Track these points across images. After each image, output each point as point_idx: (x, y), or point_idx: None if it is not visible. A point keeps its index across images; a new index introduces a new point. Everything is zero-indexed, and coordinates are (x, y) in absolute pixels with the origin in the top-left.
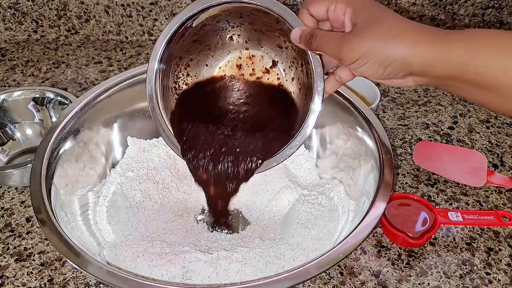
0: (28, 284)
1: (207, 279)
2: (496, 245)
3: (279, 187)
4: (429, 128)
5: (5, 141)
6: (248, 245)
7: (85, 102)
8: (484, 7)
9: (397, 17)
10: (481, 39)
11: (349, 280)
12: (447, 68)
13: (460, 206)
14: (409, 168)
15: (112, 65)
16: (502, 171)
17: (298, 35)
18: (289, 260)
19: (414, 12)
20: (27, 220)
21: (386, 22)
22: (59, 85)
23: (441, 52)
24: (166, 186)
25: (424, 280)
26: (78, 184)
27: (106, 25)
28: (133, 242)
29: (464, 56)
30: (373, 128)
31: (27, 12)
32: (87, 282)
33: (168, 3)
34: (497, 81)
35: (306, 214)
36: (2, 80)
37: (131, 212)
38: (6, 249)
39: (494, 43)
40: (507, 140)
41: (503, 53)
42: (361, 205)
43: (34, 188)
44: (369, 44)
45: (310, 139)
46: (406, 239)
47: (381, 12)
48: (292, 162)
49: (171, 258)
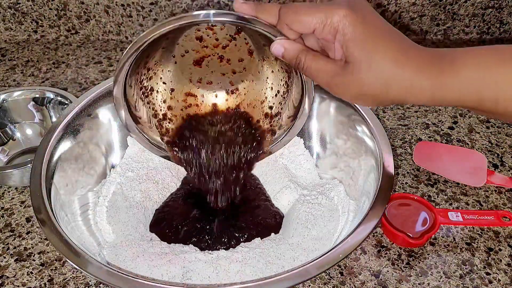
0: (28, 284)
1: (207, 279)
2: (496, 245)
3: (279, 187)
4: (429, 128)
5: (5, 141)
6: (248, 245)
7: (85, 102)
8: (484, 7)
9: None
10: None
11: (349, 280)
12: (457, 102)
13: (460, 206)
14: (409, 168)
15: (112, 65)
16: (502, 171)
17: (281, 52)
18: (289, 260)
19: (414, 12)
20: (27, 220)
21: (384, 60)
22: (59, 85)
23: (450, 93)
24: (166, 186)
25: (424, 280)
26: (78, 184)
27: (106, 25)
28: (133, 242)
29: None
30: (373, 128)
31: (27, 12)
32: (87, 282)
33: (168, 3)
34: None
35: (306, 214)
36: (2, 80)
37: (131, 212)
38: (6, 249)
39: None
40: (507, 140)
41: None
42: (361, 205)
43: (34, 188)
44: (366, 89)
45: (310, 139)
46: (406, 239)
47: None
48: (292, 162)
49: (171, 258)
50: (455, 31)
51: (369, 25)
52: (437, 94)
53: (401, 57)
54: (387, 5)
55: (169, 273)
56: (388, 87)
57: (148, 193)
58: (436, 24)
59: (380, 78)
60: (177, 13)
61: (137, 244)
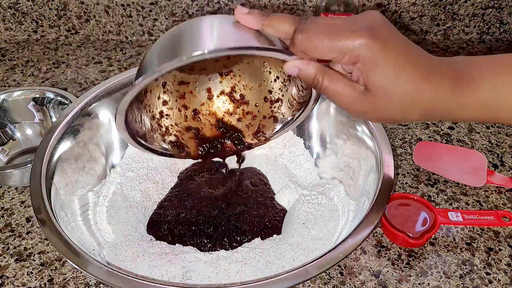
0: (28, 284)
1: (207, 279)
2: (496, 245)
3: (279, 187)
4: (429, 128)
5: (5, 141)
6: (248, 245)
7: (85, 102)
8: (484, 7)
9: (418, 70)
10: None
11: (349, 280)
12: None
13: (460, 206)
14: (409, 168)
15: (112, 65)
16: (502, 171)
17: (295, 73)
18: (289, 260)
19: (414, 12)
20: (27, 220)
21: (405, 89)
22: (59, 85)
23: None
24: (166, 186)
25: (424, 280)
26: (78, 184)
27: (106, 25)
28: (133, 242)
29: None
30: (373, 128)
31: (27, 12)
32: (87, 282)
33: (168, 3)
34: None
35: (306, 214)
36: (2, 80)
37: (131, 212)
38: (6, 249)
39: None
40: (507, 140)
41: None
42: (361, 205)
43: (34, 188)
44: (386, 116)
45: (310, 139)
46: (406, 239)
47: (398, 71)
48: (292, 162)
49: (171, 258)
50: (455, 31)
51: (391, 52)
52: (455, 114)
53: (422, 83)
54: (387, 5)
55: (169, 273)
56: (408, 113)
57: (148, 193)
58: (436, 24)
59: (400, 106)
60: (177, 13)
61: (137, 244)
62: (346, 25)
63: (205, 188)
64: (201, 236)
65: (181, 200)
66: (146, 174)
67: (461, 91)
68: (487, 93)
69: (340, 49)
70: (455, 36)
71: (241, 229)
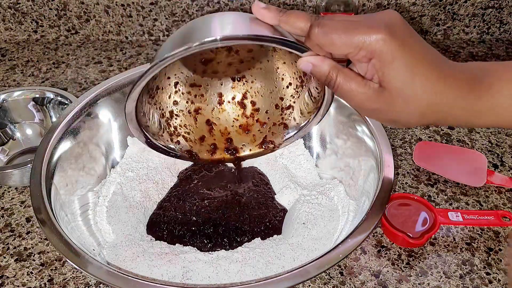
0: (28, 284)
1: (207, 279)
2: (496, 245)
3: (279, 187)
4: (429, 128)
5: (5, 141)
6: (248, 245)
7: (85, 102)
8: (484, 7)
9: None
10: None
11: (349, 280)
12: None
13: (460, 206)
14: (409, 168)
15: (112, 65)
16: (502, 171)
17: (309, 69)
18: (289, 260)
19: (414, 12)
20: (27, 220)
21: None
22: (59, 85)
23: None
24: (166, 186)
25: (424, 280)
26: (78, 184)
27: (106, 25)
28: (133, 242)
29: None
30: (373, 128)
31: (27, 12)
32: (87, 282)
33: (168, 3)
34: None
35: (306, 214)
36: (2, 80)
37: (131, 212)
38: (6, 249)
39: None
40: (507, 140)
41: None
42: (361, 205)
43: (34, 188)
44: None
45: (310, 139)
46: (406, 239)
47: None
48: (292, 162)
49: (171, 258)
50: (455, 31)
51: (408, 51)
52: (472, 119)
53: (439, 86)
54: (387, 5)
55: (169, 273)
56: (423, 117)
57: (148, 193)
58: (436, 24)
59: (416, 109)
60: (177, 13)
61: (137, 244)
62: (363, 21)
63: (205, 188)
64: (201, 236)
65: (181, 200)
66: (146, 174)
67: (479, 95)
68: (506, 98)
69: (356, 44)
70: (455, 36)
71: (241, 229)
